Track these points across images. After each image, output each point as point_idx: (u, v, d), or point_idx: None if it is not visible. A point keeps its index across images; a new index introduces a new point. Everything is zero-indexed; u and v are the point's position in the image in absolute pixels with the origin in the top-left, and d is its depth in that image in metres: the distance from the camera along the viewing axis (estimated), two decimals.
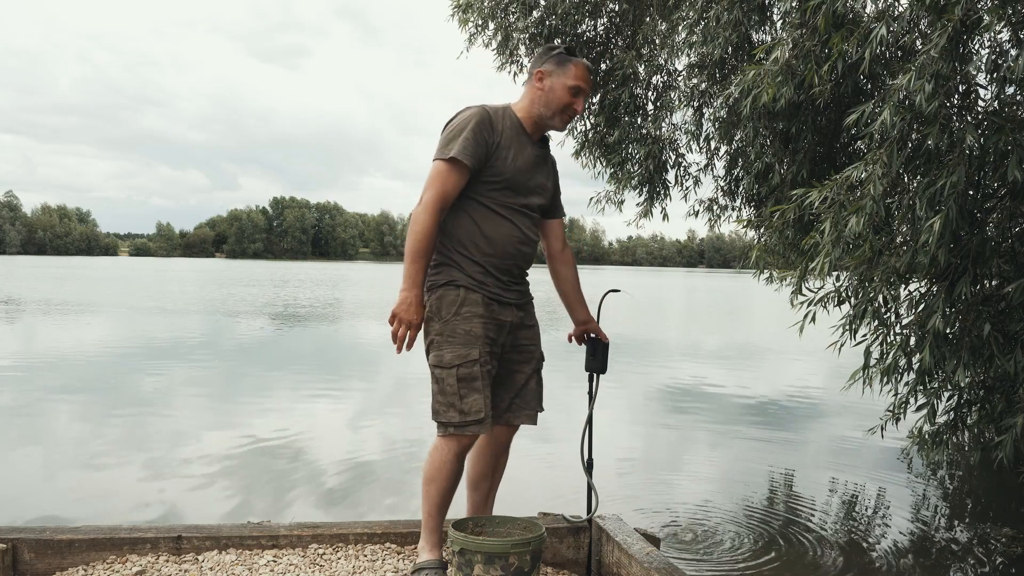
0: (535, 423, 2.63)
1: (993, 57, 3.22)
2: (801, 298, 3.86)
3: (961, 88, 3.27)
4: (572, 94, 2.48)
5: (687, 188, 6.72)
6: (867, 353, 3.66)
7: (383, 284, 38.39)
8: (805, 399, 8.42)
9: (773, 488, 5.05)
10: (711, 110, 5.73)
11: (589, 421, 2.89)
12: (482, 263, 2.43)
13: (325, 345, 12.50)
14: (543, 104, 2.49)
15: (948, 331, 3.51)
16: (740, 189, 6.30)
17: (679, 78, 6.38)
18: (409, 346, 2.38)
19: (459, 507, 2.73)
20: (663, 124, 6.39)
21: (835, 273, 3.71)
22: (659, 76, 6.53)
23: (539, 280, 2.74)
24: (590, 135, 7.03)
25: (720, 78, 5.53)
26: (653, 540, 2.80)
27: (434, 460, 2.45)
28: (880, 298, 3.57)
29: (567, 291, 2.78)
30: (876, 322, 3.72)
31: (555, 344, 14.19)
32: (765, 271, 6.43)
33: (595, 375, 2.88)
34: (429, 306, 2.43)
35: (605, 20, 6.90)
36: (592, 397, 2.88)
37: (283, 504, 4.33)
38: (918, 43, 3.42)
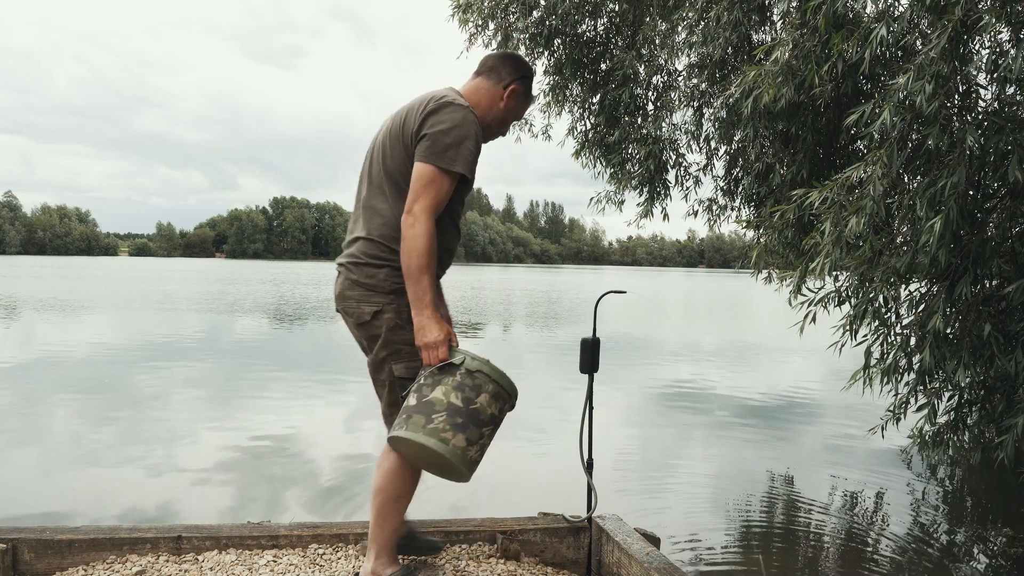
0: None
1: (993, 57, 3.22)
2: (801, 298, 3.86)
3: (961, 88, 3.27)
4: (510, 120, 2.49)
5: (687, 188, 6.73)
6: (867, 353, 3.67)
7: None
8: (805, 399, 8.42)
9: (773, 488, 5.05)
10: (711, 110, 5.74)
11: (589, 421, 2.88)
12: (437, 272, 2.35)
13: (322, 344, 12.50)
14: (498, 120, 2.45)
15: (948, 331, 3.52)
16: (740, 189, 6.31)
17: (679, 78, 6.39)
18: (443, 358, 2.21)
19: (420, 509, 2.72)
20: (663, 124, 6.40)
21: (835, 273, 3.72)
22: (659, 76, 6.54)
23: (537, 279, 2.74)
24: (590, 135, 7.04)
25: (720, 78, 5.54)
26: (653, 540, 2.80)
27: (404, 476, 2.31)
28: (880, 298, 3.57)
29: None
30: (876, 322, 3.72)
31: (552, 344, 14.14)
32: (765, 271, 6.44)
33: (591, 376, 2.87)
34: (397, 313, 2.27)
35: (605, 20, 6.90)
36: (589, 397, 2.88)
37: (283, 504, 4.33)
38: (918, 43, 3.42)
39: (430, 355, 2.19)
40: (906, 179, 3.51)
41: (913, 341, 3.69)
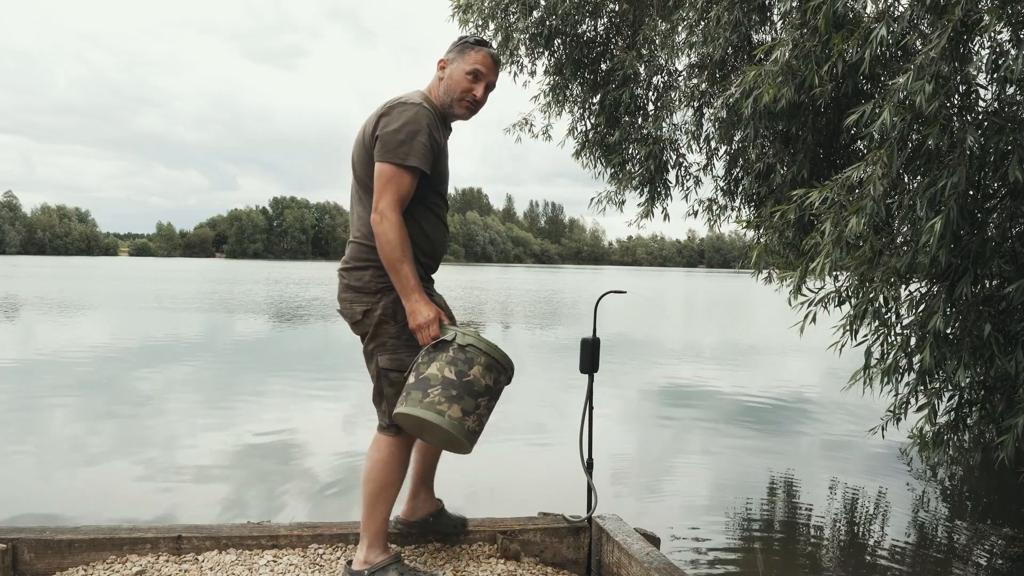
0: None
1: (993, 57, 3.22)
2: (801, 298, 3.86)
3: (961, 88, 3.27)
4: (471, 79, 2.45)
5: (687, 188, 6.73)
6: (867, 353, 3.66)
7: None
8: (805, 399, 8.42)
9: (773, 488, 5.05)
10: (711, 110, 5.73)
11: (589, 421, 2.88)
12: (424, 264, 2.45)
13: (321, 343, 12.50)
14: (444, 91, 2.47)
15: (949, 331, 3.52)
16: (740, 189, 6.31)
17: (679, 78, 6.39)
18: (435, 336, 2.32)
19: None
20: (663, 124, 6.40)
21: (835, 273, 3.71)
22: (659, 76, 6.54)
23: (537, 279, 2.74)
24: (590, 135, 7.04)
25: (720, 78, 5.54)
26: (653, 540, 2.80)
27: (393, 462, 2.43)
28: (881, 298, 3.57)
29: None
30: (876, 322, 3.72)
31: (552, 344, 14.14)
32: (765, 271, 6.43)
33: (591, 376, 2.87)
34: (383, 309, 2.38)
35: (605, 20, 6.90)
36: (589, 397, 2.88)
37: (282, 503, 4.33)
38: (918, 43, 3.42)
39: (423, 335, 2.32)
40: (906, 179, 3.51)
41: (913, 341, 3.68)
